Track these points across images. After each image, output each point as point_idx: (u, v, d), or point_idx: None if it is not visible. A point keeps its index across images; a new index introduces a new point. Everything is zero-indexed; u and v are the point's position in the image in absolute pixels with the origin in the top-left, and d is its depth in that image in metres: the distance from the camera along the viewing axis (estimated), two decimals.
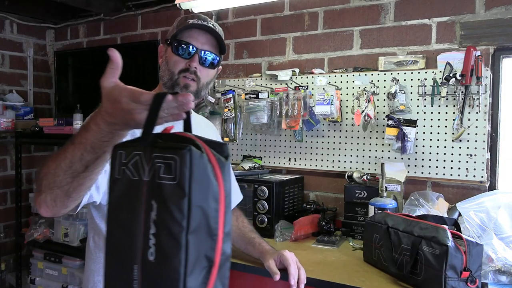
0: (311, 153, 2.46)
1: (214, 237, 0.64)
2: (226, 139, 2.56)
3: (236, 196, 1.68)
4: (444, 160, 2.11)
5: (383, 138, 2.21)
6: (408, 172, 2.16)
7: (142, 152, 0.65)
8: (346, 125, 2.36)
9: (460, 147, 2.07)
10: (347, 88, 2.34)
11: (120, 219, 0.67)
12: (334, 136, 2.39)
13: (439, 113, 2.12)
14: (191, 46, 1.24)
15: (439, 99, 2.08)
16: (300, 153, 2.50)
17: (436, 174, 2.13)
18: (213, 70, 1.31)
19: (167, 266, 0.61)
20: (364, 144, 2.31)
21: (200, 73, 1.25)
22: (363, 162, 2.31)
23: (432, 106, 2.12)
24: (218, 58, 1.30)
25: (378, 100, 2.24)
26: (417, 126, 2.13)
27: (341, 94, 2.35)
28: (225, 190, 0.66)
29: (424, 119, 2.15)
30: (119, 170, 0.67)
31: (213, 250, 0.64)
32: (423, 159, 2.16)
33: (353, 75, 2.33)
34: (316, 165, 2.45)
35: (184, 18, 1.29)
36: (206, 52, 1.26)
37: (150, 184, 0.64)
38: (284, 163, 2.55)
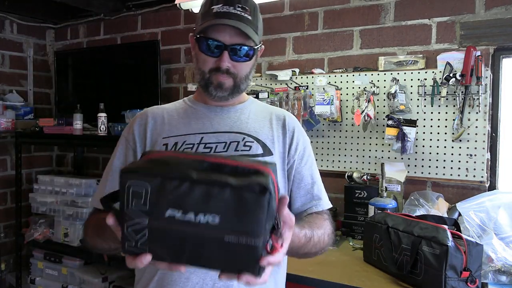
0: None
1: None
2: None
3: None
4: (444, 160, 2.11)
5: (383, 138, 2.21)
6: (408, 172, 2.16)
7: None
8: (346, 125, 2.36)
9: (460, 147, 2.07)
10: (347, 88, 2.34)
11: None
12: (334, 136, 2.39)
13: (439, 113, 2.12)
14: (217, 44, 1.06)
15: (439, 99, 2.08)
16: None
17: (436, 174, 2.13)
18: (250, 61, 1.11)
19: None
20: (364, 144, 2.31)
21: (234, 69, 1.09)
22: (363, 162, 2.31)
23: (432, 106, 2.12)
24: (253, 48, 1.10)
25: (378, 100, 2.24)
26: (417, 126, 2.13)
27: (341, 94, 2.35)
28: None
29: (424, 119, 2.15)
30: None
31: None
32: (423, 159, 2.16)
33: (353, 75, 2.33)
34: None
35: (209, 4, 1.09)
36: (237, 46, 1.07)
37: None
38: None
